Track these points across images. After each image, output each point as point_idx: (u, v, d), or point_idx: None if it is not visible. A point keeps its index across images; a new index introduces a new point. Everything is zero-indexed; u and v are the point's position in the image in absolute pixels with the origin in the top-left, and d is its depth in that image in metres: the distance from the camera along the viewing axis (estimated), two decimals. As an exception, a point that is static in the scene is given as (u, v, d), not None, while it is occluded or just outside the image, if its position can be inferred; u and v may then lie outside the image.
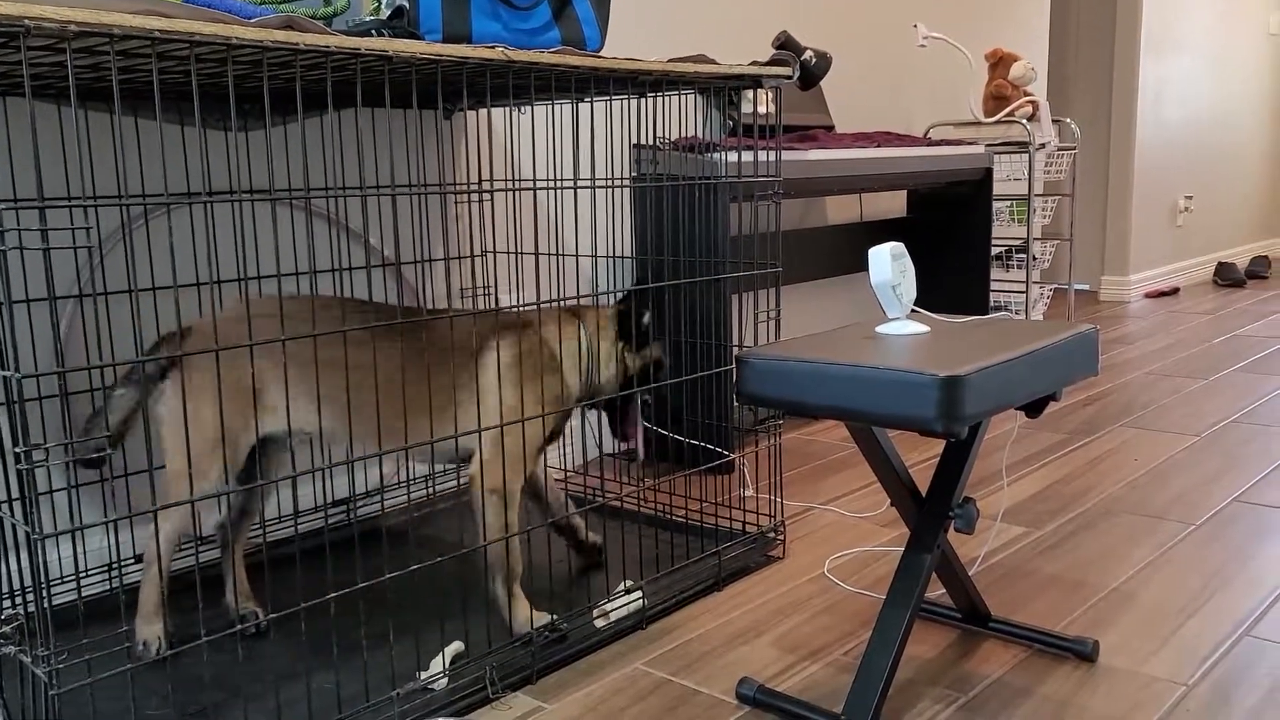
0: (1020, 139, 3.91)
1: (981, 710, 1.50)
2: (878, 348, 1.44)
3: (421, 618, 1.78)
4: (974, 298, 3.64)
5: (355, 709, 1.47)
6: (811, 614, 1.83)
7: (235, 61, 1.42)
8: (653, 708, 1.53)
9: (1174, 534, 2.15)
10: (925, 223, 3.75)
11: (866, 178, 3.00)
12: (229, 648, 1.67)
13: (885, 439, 1.58)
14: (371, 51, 1.37)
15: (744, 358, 1.47)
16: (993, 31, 4.35)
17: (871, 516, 2.31)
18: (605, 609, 1.75)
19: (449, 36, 1.58)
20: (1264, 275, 6.16)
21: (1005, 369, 1.35)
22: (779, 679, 1.61)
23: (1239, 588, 1.88)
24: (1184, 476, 2.52)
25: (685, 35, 2.95)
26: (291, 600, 1.79)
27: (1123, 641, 1.69)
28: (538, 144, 2.54)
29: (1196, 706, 1.49)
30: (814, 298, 3.57)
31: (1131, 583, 1.92)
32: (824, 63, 2.26)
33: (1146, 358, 3.96)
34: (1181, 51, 5.70)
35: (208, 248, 1.68)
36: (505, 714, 1.53)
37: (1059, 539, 2.14)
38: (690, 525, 2.18)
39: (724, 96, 2.31)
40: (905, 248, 1.53)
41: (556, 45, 1.72)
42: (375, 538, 2.19)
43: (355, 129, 1.68)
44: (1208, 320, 4.77)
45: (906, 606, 1.45)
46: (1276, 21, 6.74)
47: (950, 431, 1.29)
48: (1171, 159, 5.78)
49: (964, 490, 1.53)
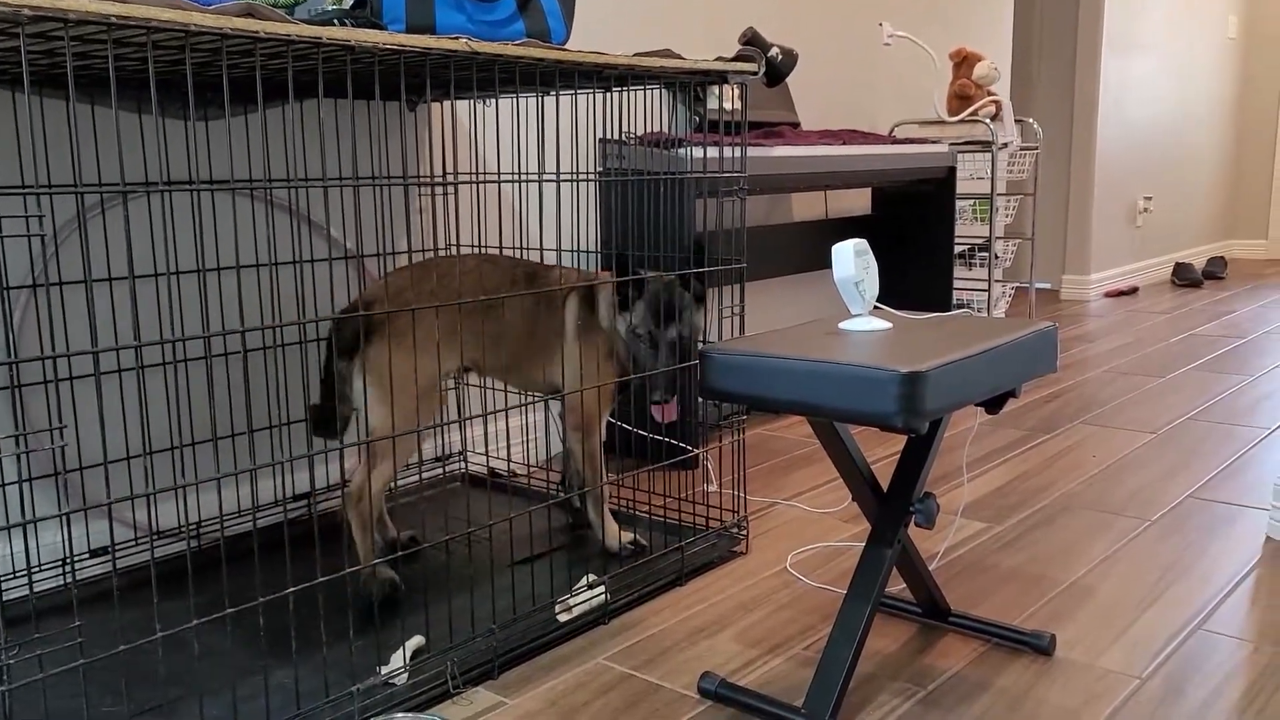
0: (983, 138, 3.94)
1: (940, 703, 1.51)
2: (840, 343, 1.45)
3: (382, 613, 1.77)
4: (937, 295, 3.67)
5: (314, 705, 1.45)
6: (774, 609, 1.84)
7: (194, 49, 1.40)
8: (614, 702, 1.53)
9: (1130, 529, 2.18)
10: (889, 220, 3.77)
11: (831, 175, 3.01)
12: (185, 643, 1.65)
13: (847, 434, 1.59)
14: (334, 41, 1.36)
15: (707, 353, 1.47)
16: (957, 31, 4.39)
17: (835, 512, 2.32)
18: (568, 603, 1.75)
19: (412, 27, 1.57)
20: (1220, 276, 6.26)
21: (965, 365, 1.36)
22: (741, 673, 1.62)
23: (1193, 582, 1.91)
24: (1141, 473, 2.56)
25: (652, 31, 2.95)
26: (250, 595, 1.77)
27: (1079, 635, 1.71)
28: (504, 138, 2.53)
29: (1150, 699, 1.51)
30: (780, 294, 3.58)
31: (1089, 577, 1.95)
32: (790, 60, 2.27)
33: (1105, 356, 4.01)
34: (1142, 54, 5.78)
35: (164, 238, 1.66)
36: (466, 709, 1.52)
37: (1018, 534, 2.17)
38: (654, 520, 2.18)
39: (690, 92, 2.31)
40: (869, 244, 1.54)
41: (521, 38, 1.72)
42: (336, 532, 2.17)
43: (318, 120, 1.67)
44: (1165, 320, 4.84)
45: (867, 601, 1.46)
46: (1235, 25, 6.85)
47: (911, 427, 1.30)
48: (1132, 160, 5.86)
49: (924, 486, 1.55)
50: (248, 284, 2.09)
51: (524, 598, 1.79)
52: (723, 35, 3.20)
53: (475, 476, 2.50)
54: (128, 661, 1.59)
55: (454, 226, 2.46)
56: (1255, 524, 2.20)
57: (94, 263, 1.88)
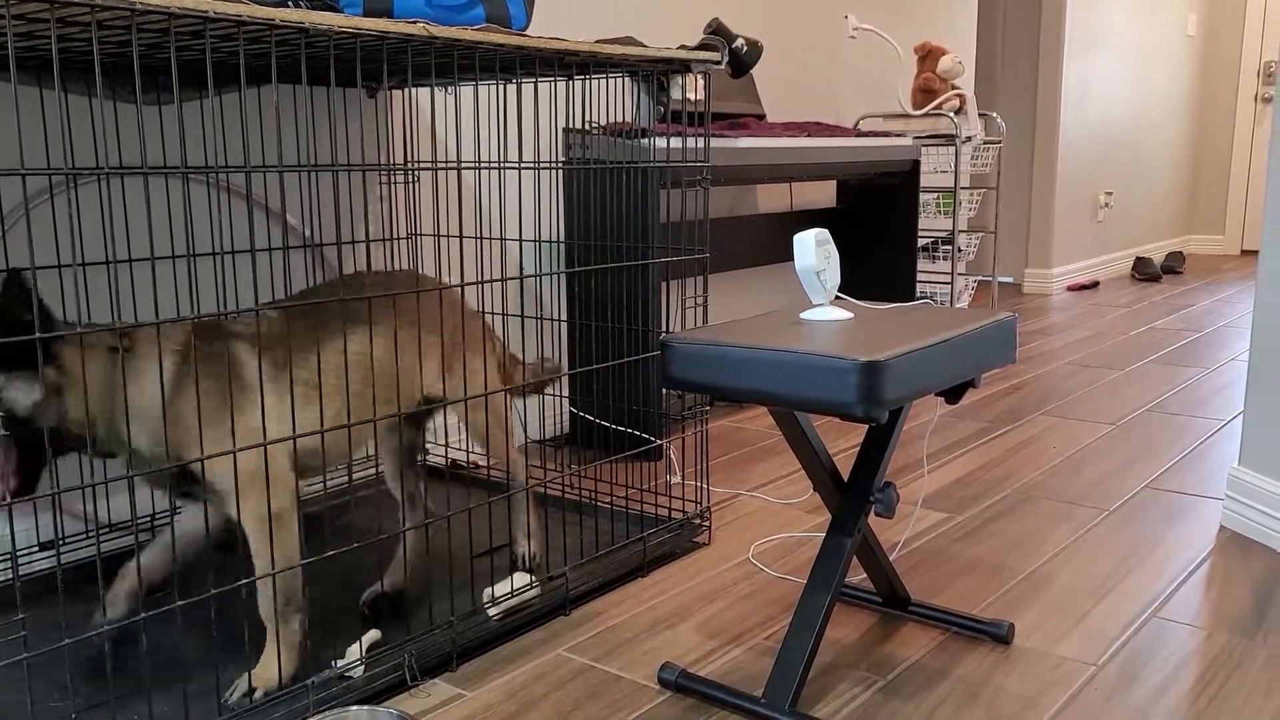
0: (947, 132, 3.96)
1: (899, 692, 1.52)
2: (800, 333, 1.45)
3: (338, 606, 1.75)
4: (901, 288, 3.69)
5: (268, 698, 1.43)
6: (735, 599, 1.84)
7: (142, 29, 1.36)
8: (573, 694, 1.52)
9: (1089, 519, 2.20)
10: (854, 213, 3.78)
11: (796, 166, 3.01)
12: (134, 637, 1.62)
13: (808, 424, 1.59)
14: (287, 23, 1.33)
15: (668, 342, 1.46)
16: (922, 25, 4.41)
17: (797, 503, 2.32)
18: (495, 597, 1.71)
19: (369, 10, 1.54)
20: (1179, 270, 6.34)
21: (925, 355, 1.36)
22: (701, 664, 1.61)
23: (1149, 571, 1.93)
24: (1100, 463, 2.59)
25: (618, 20, 2.93)
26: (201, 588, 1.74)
27: (1037, 623, 1.72)
28: (466, 125, 2.50)
29: (1105, 686, 1.52)
30: (744, 286, 3.58)
31: (1047, 566, 1.96)
32: (755, 51, 2.26)
33: (1067, 348, 4.05)
34: (1104, 50, 5.84)
35: (111, 225, 1.62)
36: (424, 701, 1.50)
37: (978, 524, 2.18)
38: (616, 511, 2.17)
39: (653, 81, 2.30)
40: (830, 234, 1.53)
41: (481, 23, 1.69)
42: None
43: (275, 105, 1.63)
44: (1125, 313, 4.90)
45: (827, 590, 1.46)
46: (1195, 23, 6.94)
47: (870, 416, 1.30)
48: (1093, 155, 5.92)
49: (885, 476, 1.55)
50: (203, 272, 2.05)
51: (483, 590, 1.77)
52: (690, 26, 3.19)
53: (434, 468, 2.47)
54: (74, 655, 1.56)
55: (416, 215, 2.44)
56: (1210, 513, 2.22)
57: (43, 249, 1.84)
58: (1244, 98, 7.10)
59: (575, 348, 2.70)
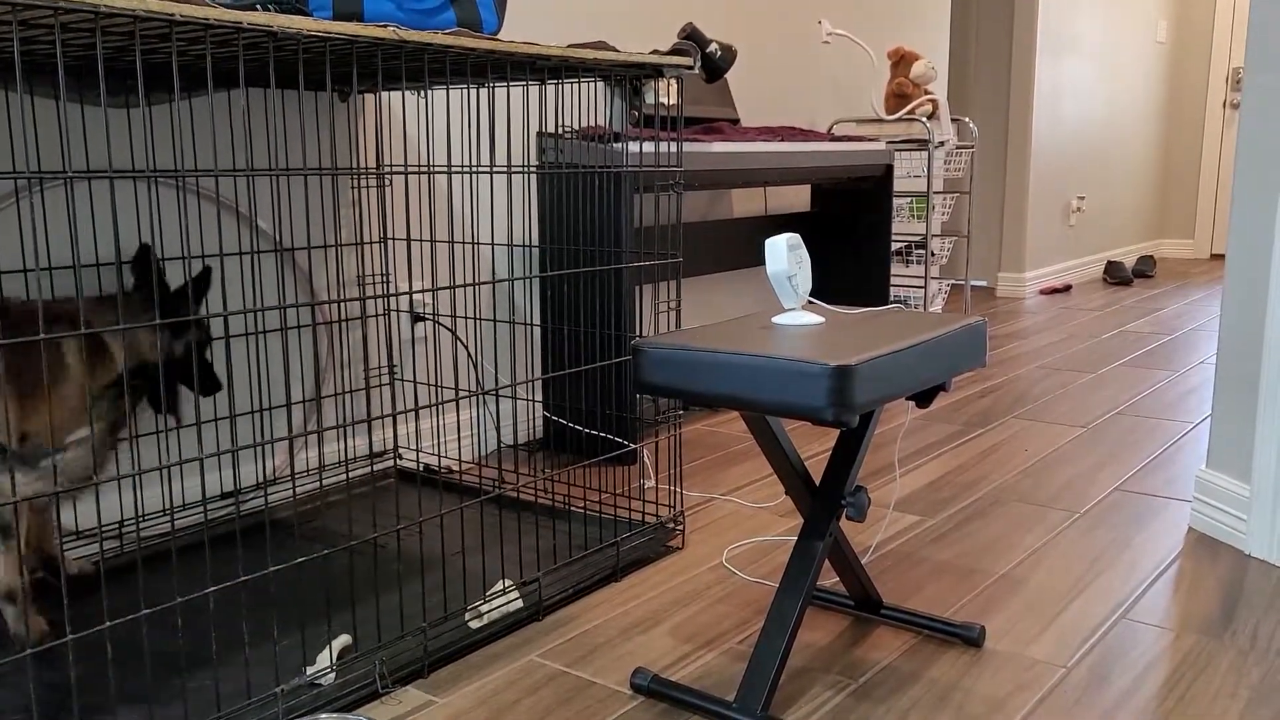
0: (920, 136, 3.99)
1: (871, 695, 1.52)
2: (772, 337, 1.45)
3: (307, 612, 1.73)
4: (874, 292, 3.70)
5: (236, 706, 1.42)
6: (708, 603, 1.84)
7: (107, 32, 1.35)
8: (546, 700, 1.52)
9: (1060, 521, 2.22)
10: (828, 217, 3.80)
11: (770, 171, 3.02)
12: (99, 647, 1.60)
13: (780, 429, 1.59)
14: (255, 26, 1.32)
15: (640, 347, 1.46)
16: (895, 30, 4.43)
17: (771, 507, 2.33)
18: (480, 609, 1.71)
19: (339, 14, 1.53)
20: (1150, 274, 6.41)
21: (895, 359, 1.37)
22: (674, 668, 1.61)
23: (1119, 573, 1.95)
24: (1071, 466, 2.61)
25: (591, 25, 2.93)
26: (168, 596, 1.73)
27: (1009, 626, 1.73)
28: (438, 130, 2.49)
29: (1075, 687, 1.53)
30: (718, 290, 3.59)
31: (1019, 569, 1.97)
32: (729, 56, 2.27)
33: (1039, 352, 4.08)
34: (1076, 56, 5.89)
35: (76, 229, 1.60)
36: (395, 709, 1.49)
37: (950, 527, 2.19)
38: (589, 516, 2.16)
39: (626, 86, 2.30)
40: (802, 239, 1.54)
41: (452, 26, 1.69)
42: (259, 532, 2.13)
43: (244, 109, 1.62)
44: (1097, 317, 4.94)
45: (799, 594, 1.46)
46: (1165, 29, 7.02)
47: (841, 420, 1.30)
48: (1065, 160, 5.97)
49: (857, 479, 1.55)
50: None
51: (455, 595, 1.77)
52: (664, 31, 3.20)
53: (407, 472, 2.46)
54: (36, 666, 1.54)
55: (388, 219, 2.42)
56: (1179, 515, 2.24)
57: (8, 253, 1.81)
58: (1213, 104, 7.19)
59: (549, 352, 2.70)
